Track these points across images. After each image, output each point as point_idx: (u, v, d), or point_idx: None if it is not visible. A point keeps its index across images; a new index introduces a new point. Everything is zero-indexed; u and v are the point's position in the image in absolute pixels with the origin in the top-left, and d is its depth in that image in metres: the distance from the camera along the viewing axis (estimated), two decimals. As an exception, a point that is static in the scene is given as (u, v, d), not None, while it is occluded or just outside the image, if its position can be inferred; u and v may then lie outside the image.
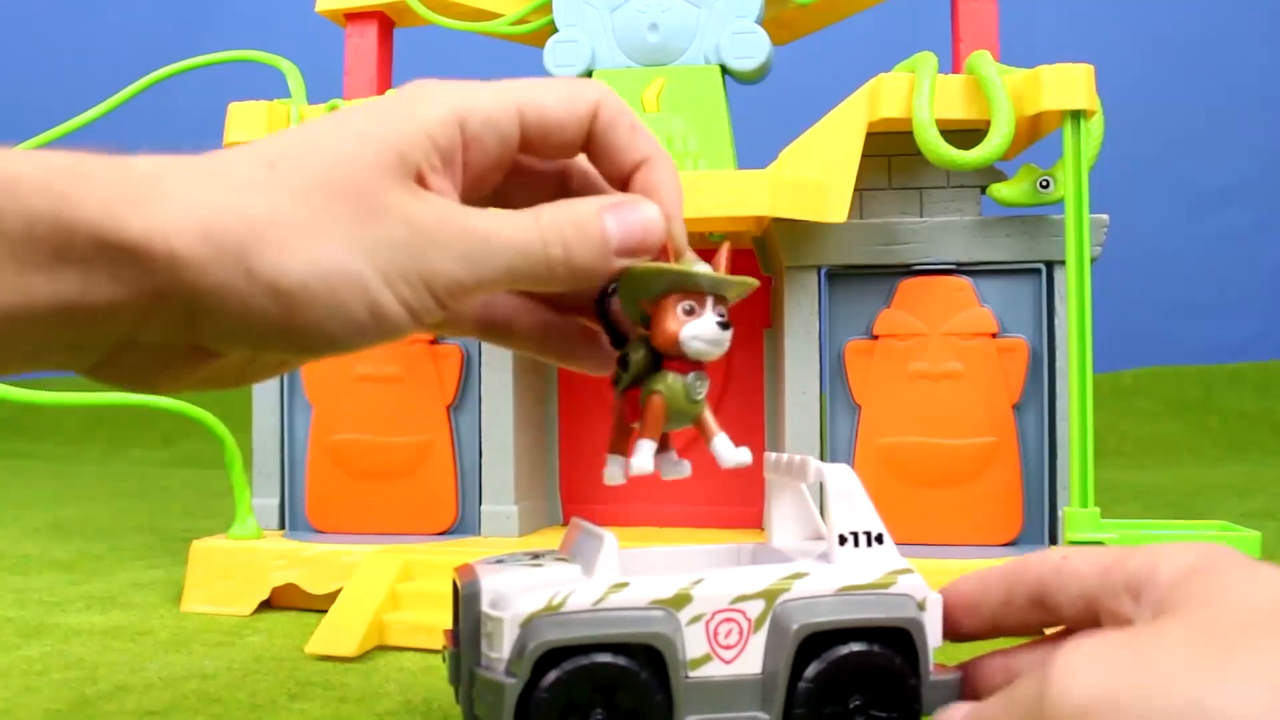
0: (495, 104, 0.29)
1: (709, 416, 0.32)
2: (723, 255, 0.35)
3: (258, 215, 0.24)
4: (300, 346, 0.25)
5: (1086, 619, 0.29)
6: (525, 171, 0.33)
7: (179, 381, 0.28)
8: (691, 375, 0.32)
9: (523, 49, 0.91)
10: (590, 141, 0.31)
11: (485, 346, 0.81)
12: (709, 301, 0.32)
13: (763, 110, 1.04)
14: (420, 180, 0.27)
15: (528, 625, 0.40)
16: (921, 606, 0.41)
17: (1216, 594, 0.23)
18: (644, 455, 0.32)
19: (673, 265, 0.32)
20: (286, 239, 0.24)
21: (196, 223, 0.24)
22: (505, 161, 0.30)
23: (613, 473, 0.34)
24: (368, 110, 0.28)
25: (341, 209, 0.25)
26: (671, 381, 0.32)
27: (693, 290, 0.32)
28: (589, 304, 0.34)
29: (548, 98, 0.30)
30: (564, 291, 0.31)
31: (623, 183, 0.33)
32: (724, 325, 0.32)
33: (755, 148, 0.82)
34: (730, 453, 0.32)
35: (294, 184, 0.25)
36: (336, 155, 0.26)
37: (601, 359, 0.35)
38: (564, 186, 0.34)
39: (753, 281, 0.34)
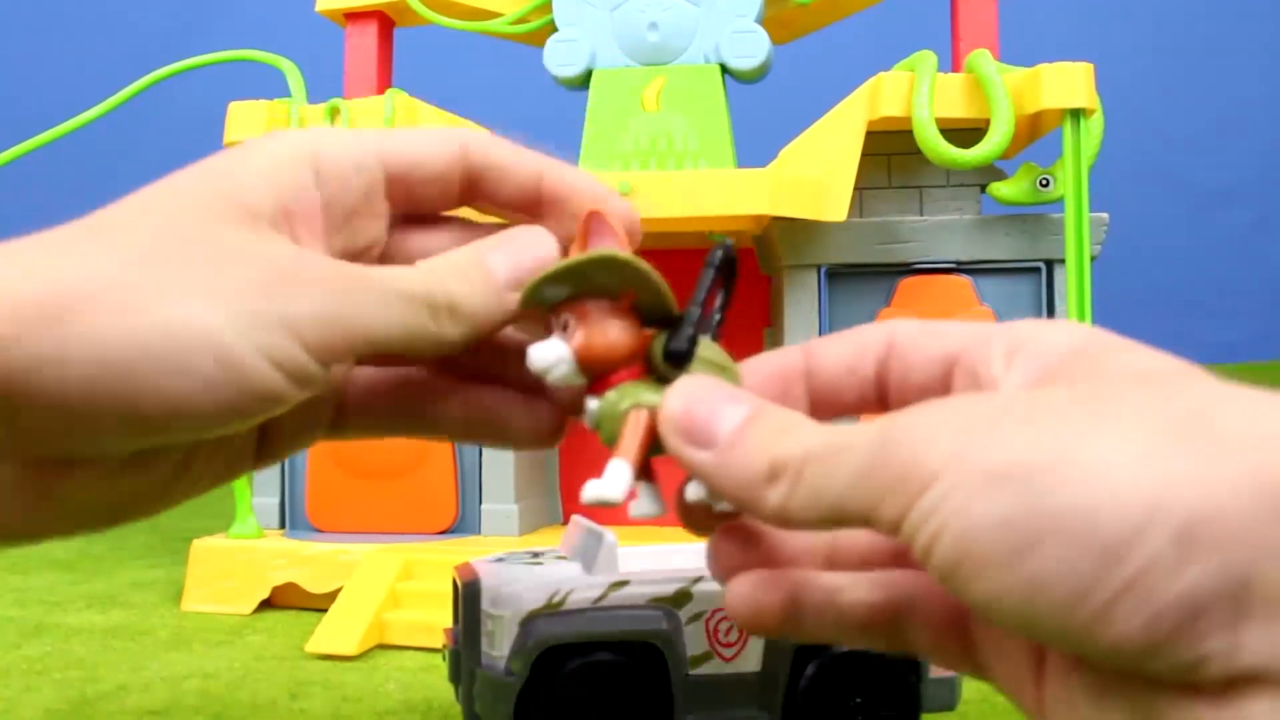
0: (350, 142, 0.26)
1: (624, 438, 0.24)
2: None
3: (71, 278, 0.20)
4: (149, 427, 0.21)
5: (937, 394, 0.23)
6: (420, 229, 0.29)
7: (38, 520, 0.23)
8: (587, 398, 0.25)
9: (523, 49, 0.91)
10: (475, 183, 0.27)
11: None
12: (553, 320, 0.25)
13: (763, 110, 1.04)
14: (272, 226, 0.23)
15: (528, 624, 0.40)
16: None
17: (1107, 364, 0.20)
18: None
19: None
20: (111, 298, 0.20)
21: None
22: (377, 209, 0.26)
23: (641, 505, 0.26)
24: (203, 163, 0.25)
25: (179, 260, 0.21)
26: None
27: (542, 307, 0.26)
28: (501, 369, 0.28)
29: (410, 136, 0.27)
30: (466, 355, 0.26)
31: (531, 209, 0.29)
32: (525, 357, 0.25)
33: (755, 147, 0.82)
34: (593, 486, 0.23)
35: (120, 243, 0.22)
36: (169, 208, 0.23)
37: (543, 428, 0.28)
38: None
39: (567, 262, 0.24)
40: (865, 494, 0.19)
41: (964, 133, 0.73)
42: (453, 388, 0.28)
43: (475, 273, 0.25)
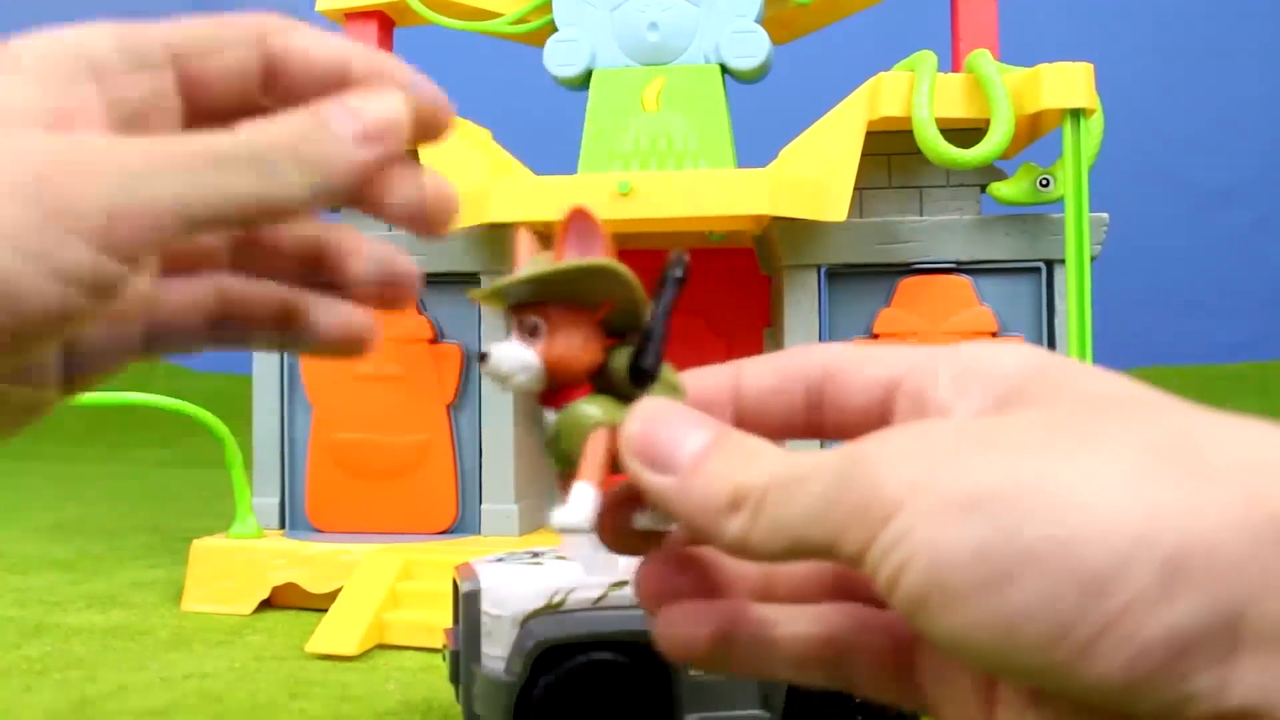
0: (131, 36, 0.23)
1: (587, 458, 0.22)
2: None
3: None
4: None
5: (875, 419, 0.22)
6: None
7: None
8: (543, 411, 0.24)
9: (523, 49, 0.91)
10: (275, 74, 0.24)
11: (486, 344, 0.81)
12: (511, 320, 0.24)
13: (763, 110, 1.04)
14: (44, 128, 0.20)
15: (527, 624, 0.40)
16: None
17: (1069, 388, 0.19)
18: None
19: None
20: None
21: None
22: (169, 107, 0.23)
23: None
24: None
25: None
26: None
27: (499, 305, 0.24)
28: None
29: (201, 26, 0.24)
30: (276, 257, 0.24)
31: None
32: (480, 356, 0.23)
33: (755, 147, 0.82)
34: (561, 513, 0.22)
35: None
36: None
37: (355, 334, 0.26)
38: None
39: (556, 267, 0.23)
40: (827, 525, 0.18)
41: (964, 133, 0.73)
42: (267, 292, 0.25)
43: (313, 126, 0.21)
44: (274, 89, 0.25)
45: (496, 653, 0.41)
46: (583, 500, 0.21)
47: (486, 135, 0.93)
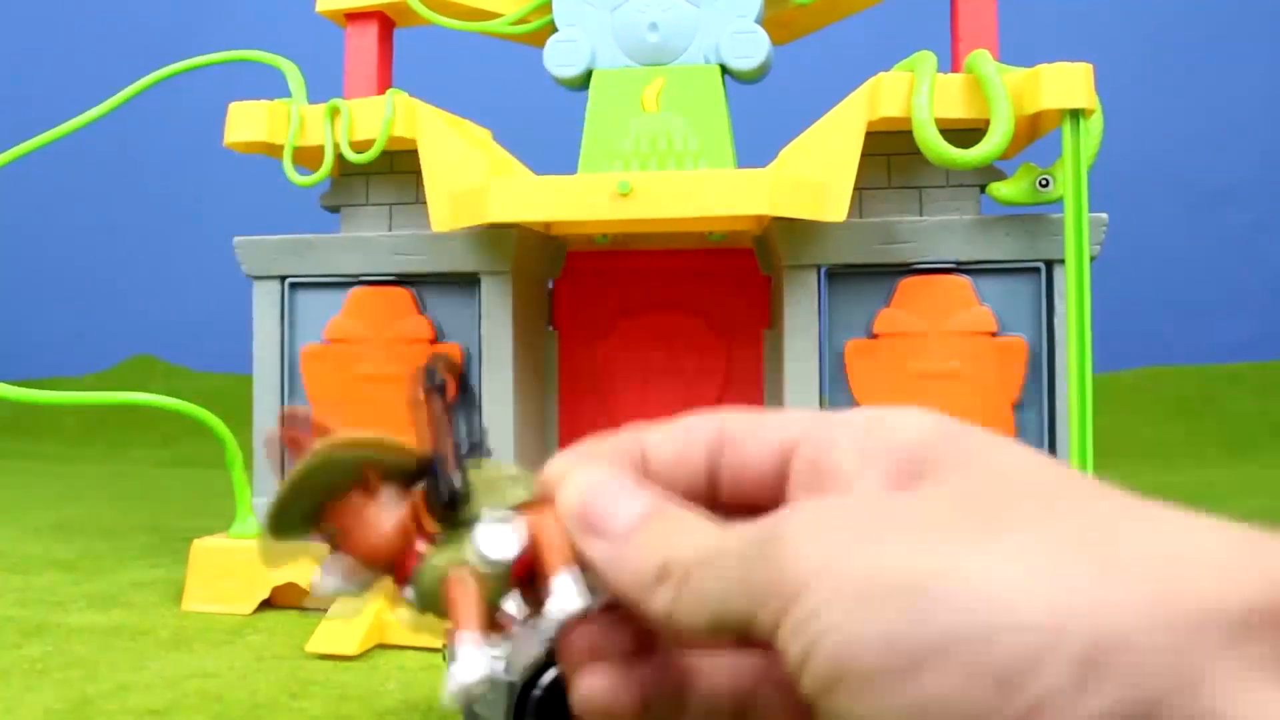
0: None
1: (457, 607, 0.21)
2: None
3: None
4: None
5: (771, 488, 0.21)
6: None
7: None
8: (397, 590, 0.23)
9: (523, 49, 0.91)
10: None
11: (485, 346, 0.81)
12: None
13: (763, 110, 1.04)
14: None
15: (527, 624, 0.40)
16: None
17: (977, 460, 0.18)
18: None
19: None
20: None
21: None
22: None
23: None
24: None
25: None
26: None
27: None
28: None
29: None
30: None
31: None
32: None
33: (755, 147, 0.82)
34: (454, 676, 0.21)
35: None
36: None
37: None
38: None
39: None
40: (742, 601, 0.18)
41: (964, 133, 0.73)
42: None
43: None
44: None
45: (495, 652, 0.41)
46: (470, 662, 0.20)
47: (486, 135, 0.93)
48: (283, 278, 0.85)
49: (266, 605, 0.77)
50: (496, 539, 0.21)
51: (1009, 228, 0.75)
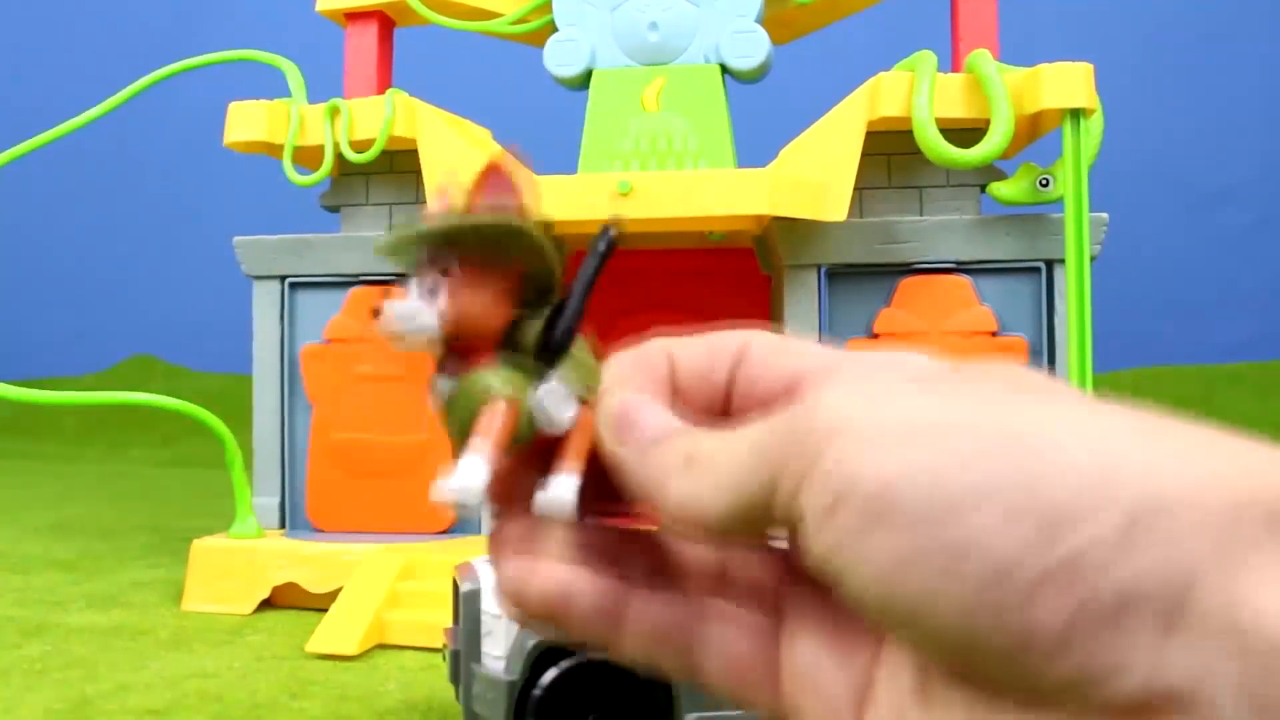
0: None
1: (482, 428, 0.20)
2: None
3: None
4: None
5: (778, 405, 0.20)
6: None
7: None
8: (438, 377, 0.21)
9: (523, 49, 0.91)
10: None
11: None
12: (411, 276, 0.21)
13: (763, 110, 1.04)
14: None
15: (527, 623, 0.40)
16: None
17: (996, 372, 0.18)
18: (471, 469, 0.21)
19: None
20: None
21: None
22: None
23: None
24: None
25: None
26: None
27: (401, 262, 0.22)
28: None
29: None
30: None
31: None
32: (376, 311, 0.20)
33: (755, 147, 0.82)
34: (441, 486, 0.19)
35: None
36: None
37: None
38: None
39: (451, 220, 0.20)
40: (764, 471, 0.17)
41: (964, 133, 0.73)
42: None
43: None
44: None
45: (496, 652, 0.41)
46: (469, 472, 0.19)
47: (486, 135, 0.93)
48: (283, 277, 0.85)
49: (266, 605, 0.77)
50: (560, 401, 0.21)
51: (1009, 228, 0.75)
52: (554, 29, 0.82)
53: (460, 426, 0.20)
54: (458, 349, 0.21)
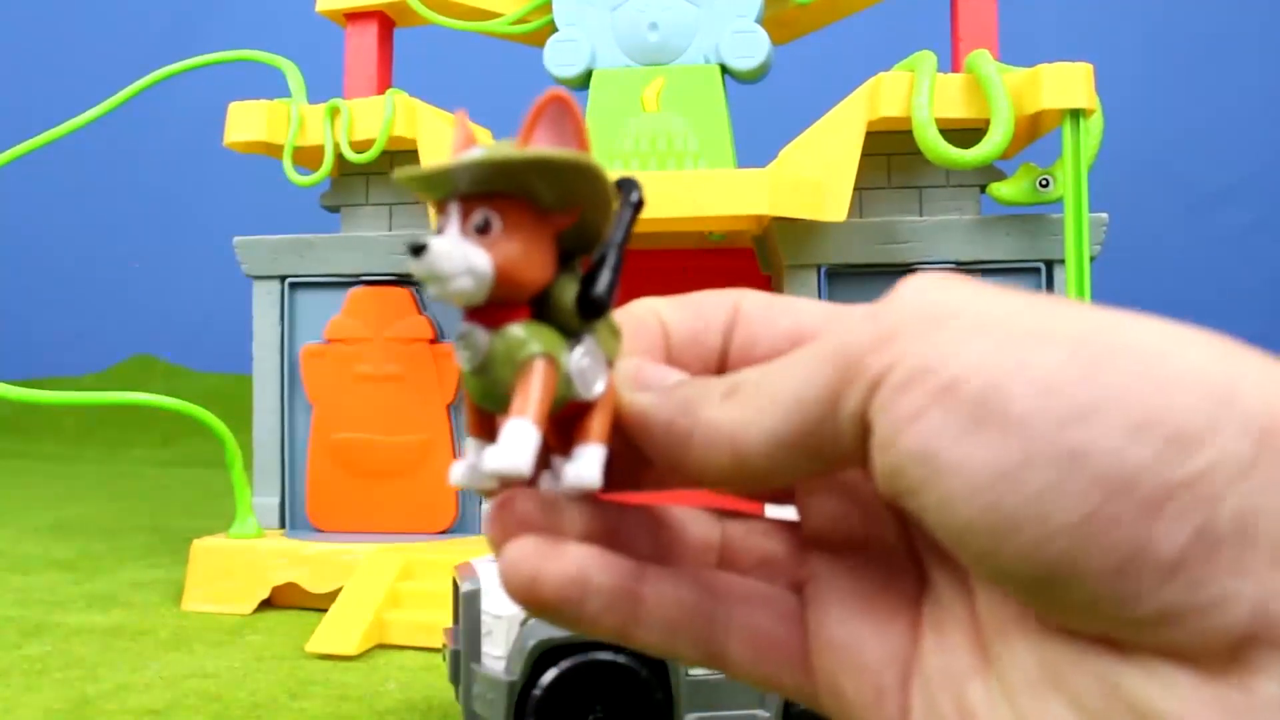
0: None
1: (527, 391, 0.18)
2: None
3: None
4: None
5: None
6: None
7: None
8: (458, 329, 0.19)
9: (523, 49, 0.91)
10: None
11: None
12: (453, 210, 0.18)
13: (763, 110, 1.04)
14: None
15: (527, 624, 0.40)
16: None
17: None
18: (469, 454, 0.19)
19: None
20: None
21: None
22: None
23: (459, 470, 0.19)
24: None
25: None
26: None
27: (437, 199, 0.19)
28: None
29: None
30: None
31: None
32: (413, 248, 0.17)
33: (755, 147, 0.82)
34: (491, 456, 0.17)
35: None
36: None
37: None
38: None
39: (539, 153, 0.18)
40: (831, 372, 0.15)
41: (964, 133, 0.73)
42: None
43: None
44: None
45: (496, 652, 0.41)
46: (522, 440, 0.17)
47: (486, 135, 0.93)
48: (282, 277, 0.85)
49: (266, 605, 0.77)
50: (594, 369, 0.19)
51: (1009, 228, 0.75)
52: (554, 29, 0.82)
53: (497, 388, 0.18)
54: (497, 299, 0.18)
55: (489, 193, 0.18)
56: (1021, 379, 0.14)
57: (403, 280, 0.84)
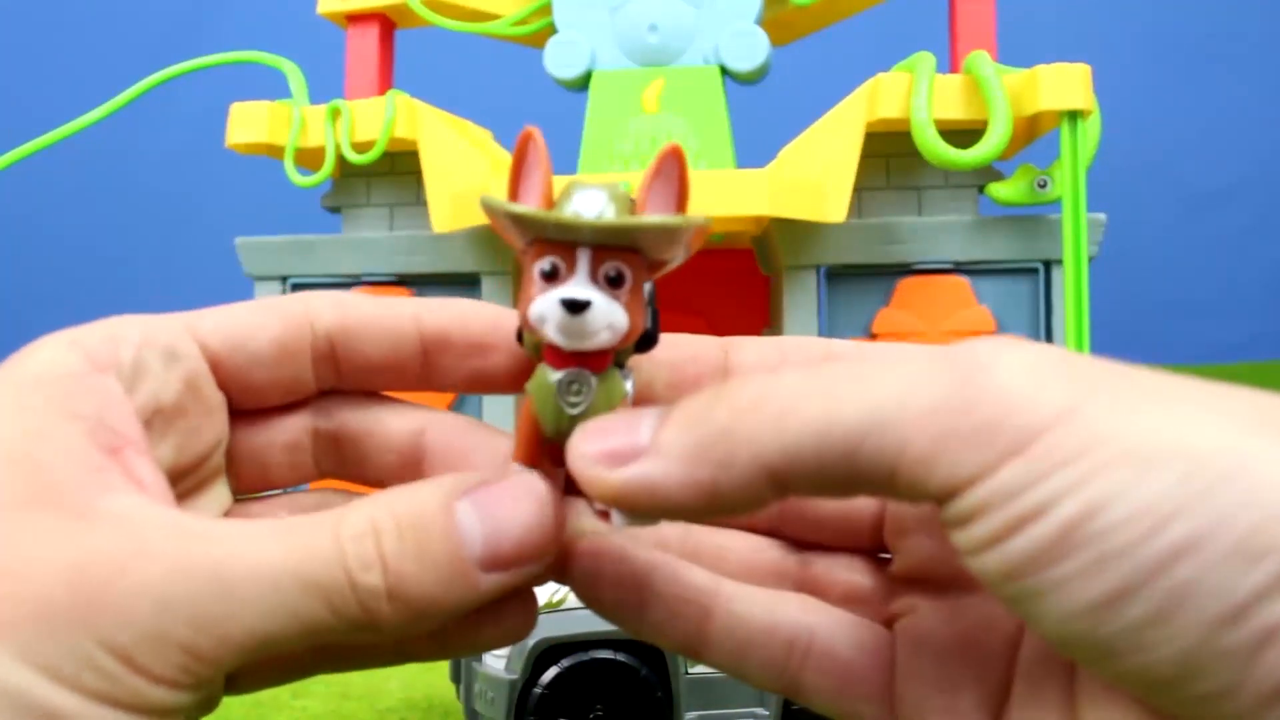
0: (153, 327, 0.20)
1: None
2: (651, 173, 0.20)
3: None
4: None
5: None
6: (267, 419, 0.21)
7: None
8: (564, 374, 0.19)
9: (523, 50, 0.91)
10: (332, 356, 0.20)
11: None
12: (583, 257, 0.19)
13: (762, 110, 1.04)
14: (78, 487, 0.16)
15: (528, 621, 0.40)
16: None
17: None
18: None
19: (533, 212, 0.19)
20: None
21: None
22: (209, 403, 0.20)
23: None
24: None
25: None
26: (539, 378, 0.20)
27: (555, 240, 0.19)
28: None
29: (229, 310, 0.20)
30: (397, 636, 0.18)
31: (407, 369, 0.22)
32: (575, 305, 0.18)
33: (755, 148, 0.82)
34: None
35: None
36: None
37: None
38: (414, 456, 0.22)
39: (689, 220, 0.20)
40: (914, 429, 0.14)
41: (962, 134, 0.73)
42: None
43: (434, 531, 0.16)
44: (333, 374, 0.21)
45: (497, 651, 0.41)
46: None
47: (487, 135, 0.93)
48: (284, 278, 0.85)
49: (268, 604, 0.77)
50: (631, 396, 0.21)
51: (1007, 228, 0.76)
52: (554, 31, 0.82)
53: (576, 422, 0.19)
54: (598, 349, 0.19)
55: (623, 245, 0.19)
56: (1123, 506, 0.13)
57: (404, 281, 0.84)
